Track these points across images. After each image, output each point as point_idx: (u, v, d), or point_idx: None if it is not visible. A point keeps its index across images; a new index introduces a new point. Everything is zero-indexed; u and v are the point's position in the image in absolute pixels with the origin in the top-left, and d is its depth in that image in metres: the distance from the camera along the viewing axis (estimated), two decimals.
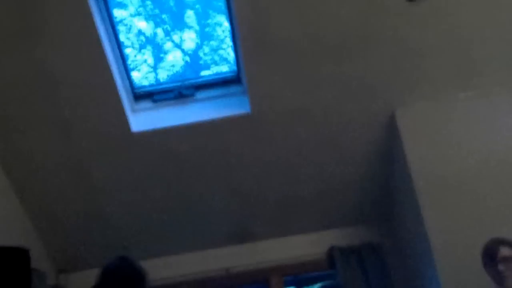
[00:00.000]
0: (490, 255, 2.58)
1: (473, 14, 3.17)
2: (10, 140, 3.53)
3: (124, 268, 2.48)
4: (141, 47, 5.38)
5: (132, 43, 5.27)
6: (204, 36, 5.40)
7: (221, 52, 5.27)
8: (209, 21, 5.29)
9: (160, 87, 3.82)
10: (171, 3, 5.45)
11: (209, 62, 5.37)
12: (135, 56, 5.21)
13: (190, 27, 5.43)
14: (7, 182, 3.67)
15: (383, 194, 3.97)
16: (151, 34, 5.43)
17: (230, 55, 3.88)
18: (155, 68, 5.39)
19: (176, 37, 5.50)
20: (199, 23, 5.38)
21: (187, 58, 5.43)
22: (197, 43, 5.45)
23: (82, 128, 3.52)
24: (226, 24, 3.61)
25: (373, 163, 3.82)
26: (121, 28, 4.75)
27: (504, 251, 2.54)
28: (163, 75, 5.37)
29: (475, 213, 3.17)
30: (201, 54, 5.43)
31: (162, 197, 3.91)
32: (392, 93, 3.50)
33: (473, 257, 2.69)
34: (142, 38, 5.37)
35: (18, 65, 3.20)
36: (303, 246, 4.12)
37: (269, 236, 4.18)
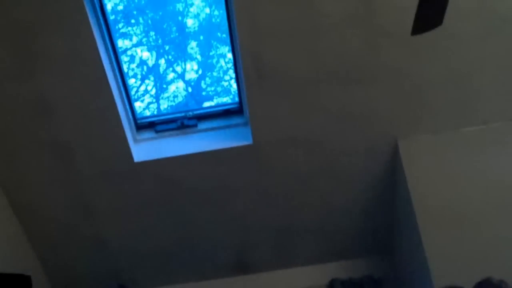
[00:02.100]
0: None
1: (475, 49, 3.20)
2: (12, 167, 3.53)
3: None
4: (144, 77, 5.42)
5: (135, 74, 5.30)
6: (207, 67, 5.44)
7: (223, 83, 5.30)
8: (212, 52, 5.34)
9: (163, 117, 3.82)
10: (174, 34, 5.50)
11: (211, 93, 5.40)
12: (138, 86, 5.25)
13: (193, 58, 5.48)
14: (9, 209, 3.67)
15: (384, 226, 3.95)
16: (154, 64, 5.47)
17: (233, 86, 3.90)
18: (157, 98, 5.42)
19: (179, 68, 5.54)
20: (202, 54, 5.43)
21: (190, 89, 5.46)
22: (199, 74, 5.48)
23: (84, 157, 3.53)
24: (230, 56, 3.63)
25: (375, 194, 3.81)
26: (124, 58, 4.78)
27: None
28: (165, 106, 5.40)
29: (476, 246, 3.15)
30: (203, 85, 5.47)
31: (162, 226, 3.91)
32: (395, 124, 3.50)
33: None
34: (145, 68, 5.40)
35: (21, 94, 3.22)
36: (303, 278, 4.09)
37: (269, 267, 4.16)
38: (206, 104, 5.42)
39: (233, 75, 3.66)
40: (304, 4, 2.95)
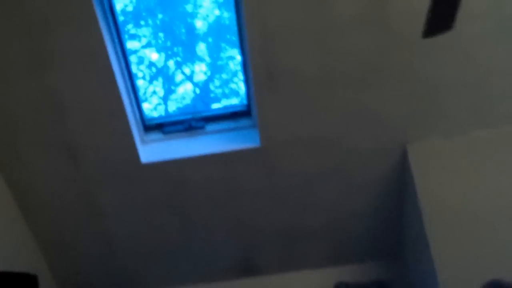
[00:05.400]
0: None
1: (487, 52, 3.17)
2: (19, 166, 3.54)
3: None
4: (152, 78, 5.42)
5: (144, 75, 5.30)
6: (215, 69, 5.43)
7: (231, 85, 5.30)
8: (222, 54, 5.33)
9: (170, 119, 3.82)
10: (183, 36, 5.50)
11: (219, 95, 5.40)
12: (146, 87, 5.25)
13: (201, 60, 5.47)
14: (16, 208, 3.69)
15: (392, 230, 3.93)
16: (162, 66, 5.48)
17: (241, 88, 3.89)
18: (165, 100, 5.42)
19: (187, 70, 5.54)
20: (211, 56, 5.42)
21: (198, 91, 5.46)
22: (208, 76, 5.48)
23: (91, 157, 3.53)
24: (239, 58, 3.62)
25: (383, 198, 3.79)
26: (132, 59, 4.78)
27: None
28: (173, 107, 5.40)
29: (485, 252, 3.13)
30: (211, 87, 5.46)
31: (168, 227, 3.91)
32: (405, 127, 3.48)
33: None
34: (154, 69, 5.40)
35: (29, 94, 3.22)
36: (310, 281, 4.08)
37: (274, 270, 4.15)
38: (214, 106, 5.42)
39: (242, 77, 3.64)
40: (315, 5, 2.94)
